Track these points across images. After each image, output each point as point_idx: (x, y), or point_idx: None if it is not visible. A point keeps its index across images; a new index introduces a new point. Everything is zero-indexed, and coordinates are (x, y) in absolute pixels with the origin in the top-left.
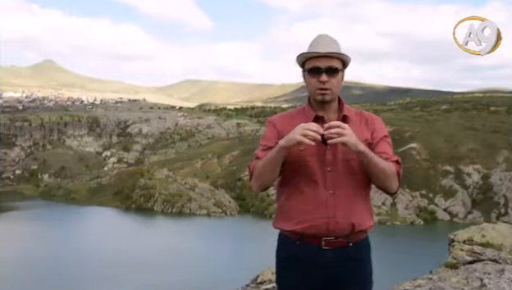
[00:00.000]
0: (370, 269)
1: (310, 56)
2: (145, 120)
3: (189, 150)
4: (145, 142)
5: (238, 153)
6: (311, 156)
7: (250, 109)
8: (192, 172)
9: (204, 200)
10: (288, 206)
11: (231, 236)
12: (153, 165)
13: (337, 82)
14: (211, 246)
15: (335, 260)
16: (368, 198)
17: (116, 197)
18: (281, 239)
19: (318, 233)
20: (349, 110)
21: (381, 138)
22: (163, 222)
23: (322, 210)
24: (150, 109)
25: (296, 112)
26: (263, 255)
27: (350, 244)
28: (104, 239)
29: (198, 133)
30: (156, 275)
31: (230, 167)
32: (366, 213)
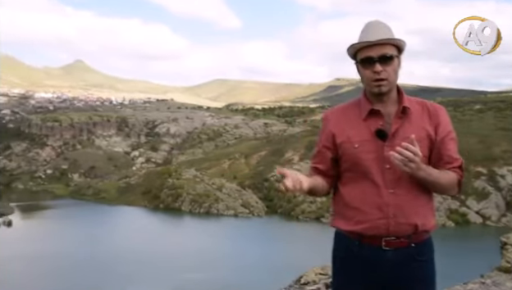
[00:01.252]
0: (433, 270)
1: (360, 46)
2: (173, 120)
3: (217, 150)
4: (173, 142)
5: (265, 153)
6: (368, 153)
7: (278, 109)
8: (219, 172)
9: (231, 200)
10: (346, 205)
11: (259, 236)
12: (181, 164)
13: (393, 70)
14: (239, 247)
15: (396, 260)
16: (430, 197)
17: (144, 197)
18: (338, 238)
19: (378, 234)
20: (410, 100)
21: (446, 135)
22: (191, 222)
23: (381, 210)
24: (178, 109)
25: (352, 105)
26: (291, 255)
27: (413, 245)
28: (133, 238)
29: (226, 133)
30: (185, 274)
31: (257, 167)
32: (428, 212)
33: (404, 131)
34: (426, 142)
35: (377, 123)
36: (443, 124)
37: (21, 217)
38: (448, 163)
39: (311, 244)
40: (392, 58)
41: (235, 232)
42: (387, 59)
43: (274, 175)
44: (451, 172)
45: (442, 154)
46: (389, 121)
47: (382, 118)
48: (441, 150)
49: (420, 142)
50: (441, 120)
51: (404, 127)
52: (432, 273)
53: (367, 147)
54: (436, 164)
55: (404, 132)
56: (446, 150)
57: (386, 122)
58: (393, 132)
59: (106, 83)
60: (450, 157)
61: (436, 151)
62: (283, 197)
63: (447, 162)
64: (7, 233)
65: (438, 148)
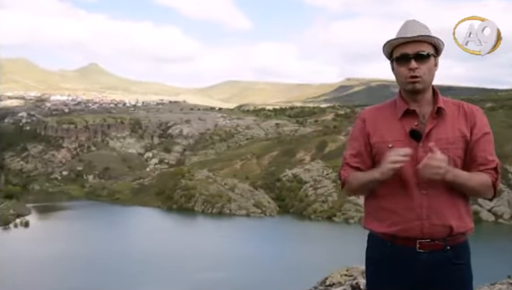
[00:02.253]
0: (470, 274)
1: (397, 43)
2: (185, 122)
3: (229, 150)
4: (186, 143)
5: (277, 153)
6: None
7: (289, 109)
8: (231, 173)
9: (244, 200)
10: (379, 206)
11: (272, 236)
12: (194, 165)
13: (429, 69)
14: (253, 247)
15: (430, 263)
16: (466, 198)
17: (158, 198)
18: (371, 240)
19: (412, 236)
20: (446, 101)
21: (481, 136)
22: (204, 222)
23: (415, 212)
24: (190, 110)
25: (388, 105)
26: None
27: (448, 247)
28: (147, 239)
29: (238, 134)
30: (201, 274)
31: (269, 167)
32: (464, 214)
33: (439, 132)
34: (461, 143)
35: (412, 123)
36: (479, 125)
37: (38, 218)
38: (482, 164)
39: (325, 244)
40: (428, 57)
41: (249, 232)
42: (423, 57)
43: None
44: (485, 174)
45: (476, 155)
46: (423, 122)
47: (417, 118)
48: (475, 151)
49: (454, 143)
50: (477, 122)
51: (439, 128)
52: (469, 276)
53: (401, 146)
54: (470, 165)
55: (439, 133)
56: (480, 151)
57: (420, 122)
58: (427, 132)
59: (120, 85)
60: (485, 159)
61: (470, 152)
62: (295, 197)
63: (481, 163)
64: (25, 234)
65: (472, 149)
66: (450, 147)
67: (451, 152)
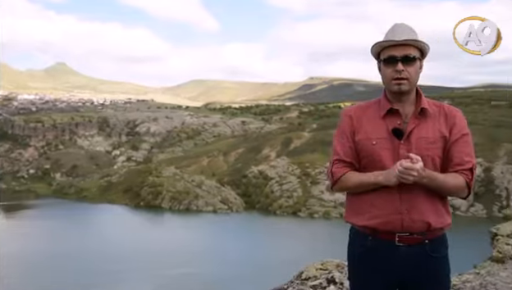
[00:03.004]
0: (447, 267)
1: (385, 45)
2: (153, 120)
3: (196, 148)
4: (153, 141)
5: (243, 150)
6: (384, 150)
7: (255, 107)
8: (199, 170)
9: (211, 197)
10: (360, 201)
11: (240, 232)
12: (161, 163)
13: (415, 71)
14: (221, 242)
15: (409, 256)
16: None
17: (125, 195)
18: (352, 234)
19: (392, 229)
20: (428, 102)
21: (460, 137)
22: (171, 219)
23: (395, 206)
24: (158, 109)
25: (372, 104)
26: (273, 250)
27: (426, 241)
28: (115, 236)
29: (205, 132)
30: (171, 270)
31: (235, 164)
32: (443, 210)
33: (420, 131)
34: (440, 143)
35: (395, 122)
36: (458, 126)
37: (4, 216)
38: (458, 165)
39: (292, 238)
40: (415, 59)
41: (216, 228)
42: (410, 60)
43: None
44: (459, 175)
45: (453, 155)
46: (406, 121)
47: (400, 117)
48: (452, 151)
49: (434, 143)
50: (456, 123)
51: (420, 127)
52: (446, 269)
53: (383, 144)
54: (447, 164)
55: (420, 132)
56: (458, 151)
57: (403, 122)
58: (409, 131)
59: (88, 85)
60: (461, 159)
61: (448, 151)
62: (261, 193)
63: (457, 164)
64: None
65: (450, 149)
66: (430, 147)
67: (431, 152)
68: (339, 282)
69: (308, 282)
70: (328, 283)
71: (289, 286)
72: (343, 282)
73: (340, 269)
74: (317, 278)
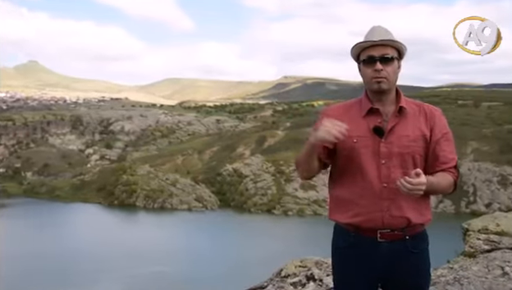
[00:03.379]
0: (428, 262)
1: (364, 46)
2: (127, 118)
3: (170, 146)
4: (127, 140)
5: (218, 149)
6: (365, 148)
7: (229, 106)
8: (173, 168)
9: (185, 195)
10: (342, 198)
11: (214, 230)
12: (135, 161)
13: (393, 71)
14: (195, 240)
15: (391, 252)
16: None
17: (99, 194)
18: (336, 230)
19: (374, 227)
20: (408, 101)
21: (441, 136)
22: (146, 217)
23: (376, 204)
24: (132, 107)
25: (353, 103)
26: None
27: (407, 237)
28: (89, 235)
29: (179, 130)
30: (146, 268)
31: (210, 162)
32: (423, 206)
33: (400, 129)
34: (421, 141)
35: (376, 120)
36: (438, 125)
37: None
38: (444, 163)
39: (266, 236)
40: (392, 59)
41: (191, 226)
42: (388, 60)
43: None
44: (447, 174)
45: (438, 154)
46: (386, 120)
47: (381, 116)
48: (436, 150)
49: (415, 141)
50: (436, 122)
51: (401, 126)
52: (427, 264)
53: (364, 142)
54: (432, 164)
55: (400, 130)
56: (442, 150)
57: (383, 120)
58: (389, 129)
59: (60, 83)
60: (446, 157)
61: (432, 151)
62: (235, 191)
63: (443, 162)
64: None
65: (434, 149)
66: (410, 145)
67: (411, 149)
68: (318, 278)
69: (288, 279)
70: (308, 280)
71: (269, 283)
72: (322, 278)
73: (318, 266)
74: (296, 275)
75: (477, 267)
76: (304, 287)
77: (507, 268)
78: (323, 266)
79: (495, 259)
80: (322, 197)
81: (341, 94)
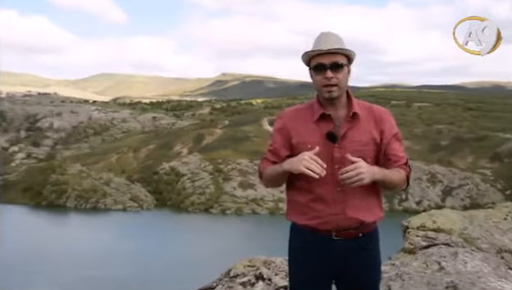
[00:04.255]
0: (379, 258)
1: (313, 54)
2: (57, 114)
3: (104, 144)
4: (57, 137)
5: (154, 147)
6: (319, 154)
7: (166, 103)
8: (107, 167)
9: (120, 195)
10: (299, 202)
11: (150, 230)
12: (66, 160)
13: (343, 77)
14: (133, 241)
15: (345, 249)
16: (377, 191)
17: (25, 194)
18: (293, 230)
19: (330, 228)
20: (359, 104)
21: (391, 137)
22: (77, 218)
23: (331, 207)
24: (62, 103)
25: (306, 107)
26: (187, 248)
27: (360, 235)
28: (16, 238)
29: (113, 127)
30: (79, 272)
31: (146, 161)
32: (376, 205)
33: (353, 134)
34: (372, 145)
35: (328, 126)
36: (388, 127)
37: None
38: (395, 161)
39: (204, 235)
40: (342, 66)
41: (126, 226)
42: (338, 67)
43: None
44: (401, 169)
45: (389, 154)
46: (339, 125)
47: (333, 122)
48: (387, 151)
49: (367, 145)
50: (386, 124)
51: (353, 130)
52: (378, 260)
53: (319, 148)
54: (384, 164)
55: (353, 135)
56: (392, 150)
57: (336, 125)
58: (342, 135)
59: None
60: (396, 156)
61: (384, 152)
62: (172, 190)
63: (394, 161)
64: None
65: (385, 149)
66: (363, 149)
67: (363, 153)
68: (267, 278)
69: (237, 279)
70: (257, 280)
71: (218, 284)
72: (271, 278)
73: (267, 265)
74: (245, 275)
75: (416, 263)
76: (254, 287)
77: (443, 263)
78: (272, 265)
79: (432, 254)
80: (260, 196)
81: (280, 92)
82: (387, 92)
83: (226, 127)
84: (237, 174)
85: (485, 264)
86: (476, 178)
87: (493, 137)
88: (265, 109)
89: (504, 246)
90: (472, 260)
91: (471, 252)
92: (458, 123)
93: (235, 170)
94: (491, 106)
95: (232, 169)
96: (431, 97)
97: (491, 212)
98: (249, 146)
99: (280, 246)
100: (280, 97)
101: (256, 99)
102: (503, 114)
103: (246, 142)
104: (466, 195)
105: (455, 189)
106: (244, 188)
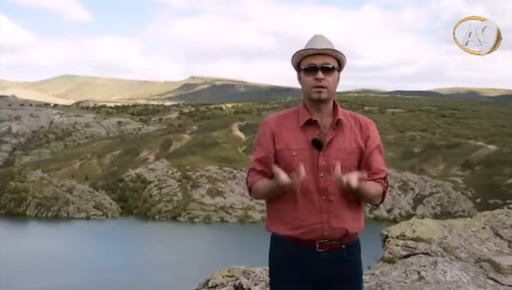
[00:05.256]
0: (361, 269)
1: (305, 54)
2: (15, 118)
3: (66, 150)
4: (16, 142)
5: (119, 153)
6: (304, 161)
7: (132, 107)
8: (70, 173)
9: (83, 202)
10: (282, 211)
11: (114, 238)
12: (26, 166)
13: (333, 81)
14: (95, 250)
15: (329, 261)
16: (359, 202)
17: None
18: (274, 241)
19: (313, 238)
20: (344, 113)
21: (374, 148)
22: (38, 227)
23: (315, 216)
24: (21, 106)
25: (291, 113)
26: (153, 257)
27: (343, 246)
28: None
29: (76, 132)
30: (41, 282)
31: (111, 167)
32: (358, 216)
33: (338, 142)
34: (356, 154)
35: (314, 132)
36: (372, 137)
37: None
38: (375, 173)
39: (170, 244)
40: (333, 69)
41: (89, 235)
42: (329, 69)
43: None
44: (378, 184)
45: (371, 165)
46: (324, 132)
47: (319, 128)
48: (369, 161)
49: (351, 154)
50: (370, 134)
51: (338, 138)
52: (360, 271)
53: (303, 155)
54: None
55: (338, 143)
56: (374, 162)
57: (321, 132)
58: (327, 142)
59: None
60: (377, 169)
61: (365, 162)
62: (138, 198)
63: (374, 173)
64: None
65: (367, 159)
66: (347, 158)
67: (348, 162)
68: (246, 288)
69: (216, 289)
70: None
71: None
72: (250, 288)
73: (246, 275)
74: (224, 285)
75: (396, 272)
76: None
77: (423, 272)
78: (251, 275)
79: (412, 264)
80: (229, 204)
81: (251, 97)
82: (360, 97)
83: (195, 132)
84: (206, 181)
85: (464, 273)
86: (447, 186)
87: (465, 144)
88: (235, 114)
89: (482, 256)
90: (451, 270)
91: (450, 262)
92: (431, 130)
93: (204, 177)
94: (465, 112)
95: (201, 176)
96: (404, 103)
97: (469, 221)
98: (218, 152)
99: (250, 254)
100: (250, 101)
101: (226, 104)
102: (476, 120)
103: (215, 148)
104: (437, 203)
105: (426, 197)
106: (212, 195)
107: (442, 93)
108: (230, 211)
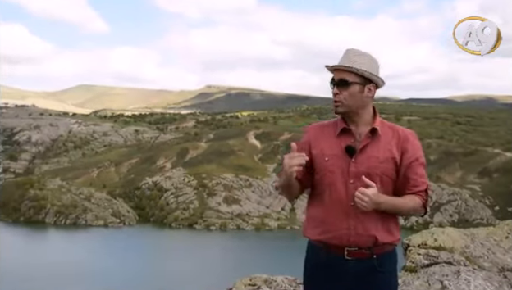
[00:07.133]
0: (395, 281)
1: (328, 70)
2: (35, 127)
3: (84, 158)
4: (35, 151)
5: (137, 161)
6: (336, 167)
7: (149, 116)
8: (87, 181)
9: (101, 210)
10: (313, 216)
11: (132, 246)
12: (45, 174)
13: (349, 95)
14: (114, 258)
15: (358, 270)
16: None
17: (1, 211)
18: (308, 247)
19: (340, 244)
20: (383, 123)
21: (413, 160)
22: (57, 234)
23: (343, 222)
24: (40, 115)
25: (331, 123)
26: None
27: (374, 256)
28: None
29: (94, 141)
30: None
31: (128, 175)
32: (391, 226)
33: (371, 150)
34: (390, 164)
35: (349, 140)
36: (411, 149)
37: None
38: (414, 186)
39: (187, 252)
40: (348, 84)
41: (107, 242)
42: (343, 84)
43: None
44: (416, 196)
45: (409, 178)
46: (359, 140)
47: (353, 136)
48: (408, 174)
49: (384, 162)
50: (409, 146)
51: (372, 146)
52: (393, 283)
53: (336, 161)
54: (403, 186)
55: (371, 151)
56: (413, 174)
57: (356, 140)
58: (360, 149)
59: None
60: (416, 181)
61: (404, 174)
62: (155, 205)
63: (413, 185)
64: None
65: (405, 172)
66: (379, 166)
67: (379, 170)
68: None
69: None
70: None
71: None
72: None
73: (268, 283)
74: None
75: (418, 282)
76: None
77: (446, 282)
78: (273, 284)
79: (434, 273)
80: (245, 212)
81: (267, 105)
82: (377, 105)
83: (211, 140)
84: (222, 189)
85: (488, 283)
86: (465, 193)
87: (482, 151)
88: (251, 122)
89: (506, 265)
90: (475, 279)
91: (473, 271)
92: (447, 137)
93: (220, 185)
94: (481, 120)
95: (217, 184)
96: (420, 111)
97: (492, 230)
98: (234, 160)
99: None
100: (266, 109)
101: (242, 112)
102: (492, 128)
103: (231, 157)
104: (454, 211)
105: (444, 205)
106: (228, 203)
107: (457, 101)
108: (246, 219)
